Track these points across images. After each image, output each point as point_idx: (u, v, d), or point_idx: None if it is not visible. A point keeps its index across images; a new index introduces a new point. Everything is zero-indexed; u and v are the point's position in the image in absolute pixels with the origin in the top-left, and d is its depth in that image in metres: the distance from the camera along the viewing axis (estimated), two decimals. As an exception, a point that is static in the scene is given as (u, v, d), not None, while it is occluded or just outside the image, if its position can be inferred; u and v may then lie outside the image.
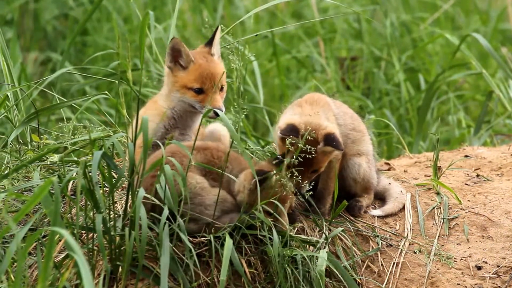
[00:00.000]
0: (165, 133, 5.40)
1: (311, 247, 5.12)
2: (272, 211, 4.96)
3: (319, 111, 5.29)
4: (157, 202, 4.84)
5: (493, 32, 10.49)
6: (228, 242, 4.80)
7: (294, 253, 5.00)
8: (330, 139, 5.18)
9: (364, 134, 5.55)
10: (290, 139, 5.07)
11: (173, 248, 4.86)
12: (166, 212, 4.77)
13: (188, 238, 4.85)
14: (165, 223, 4.76)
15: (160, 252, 4.73)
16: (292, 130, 5.15)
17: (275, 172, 4.95)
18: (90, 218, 4.83)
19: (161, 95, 5.49)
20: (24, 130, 5.69)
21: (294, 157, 5.03)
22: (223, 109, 5.33)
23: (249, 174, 4.97)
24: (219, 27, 5.46)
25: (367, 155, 5.54)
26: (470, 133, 8.29)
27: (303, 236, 5.15)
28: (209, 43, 5.46)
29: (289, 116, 5.29)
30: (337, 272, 5.09)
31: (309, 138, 5.10)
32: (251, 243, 5.05)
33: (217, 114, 5.19)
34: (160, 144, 4.95)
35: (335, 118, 5.42)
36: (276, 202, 4.95)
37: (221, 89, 5.40)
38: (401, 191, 5.60)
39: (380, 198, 5.63)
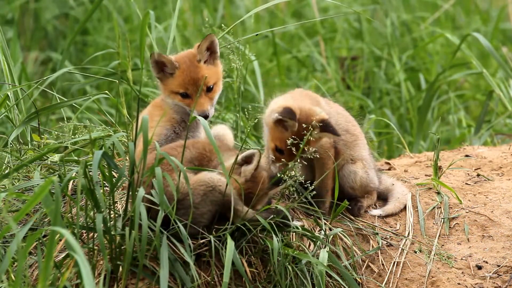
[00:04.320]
0: (175, 137, 5.40)
1: (311, 247, 5.12)
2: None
3: (308, 101, 5.31)
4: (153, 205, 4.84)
5: (494, 32, 10.49)
6: (230, 244, 4.80)
7: (295, 252, 4.99)
8: (326, 125, 5.18)
9: (358, 138, 5.51)
10: (287, 121, 5.12)
11: (173, 248, 4.86)
12: (161, 214, 4.76)
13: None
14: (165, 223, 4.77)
15: (159, 253, 4.74)
16: (289, 113, 5.17)
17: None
18: (90, 218, 4.83)
19: (162, 100, 5.51)
20: (24, 129, 5.69)
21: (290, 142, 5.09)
22: (208, 112, 5.37)
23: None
24: (210, 36, 5.43)
25: (362, 160, 5.50)
26: (471, 132, 8.29)
27: (304, 232, 5.15)
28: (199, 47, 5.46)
29: (282, 101, 5.30)
30: (337, 271, 5.08)
31: (304, 123, 5.13)
32: (251, 243, 5.05)
33: (204, 116, 5.28)
34: (158, 145, 4.96)
35: None
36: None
37: (209, 89, 5.41)
38: (403, 192, 5.60)
39: (383, 198, 5.62)
